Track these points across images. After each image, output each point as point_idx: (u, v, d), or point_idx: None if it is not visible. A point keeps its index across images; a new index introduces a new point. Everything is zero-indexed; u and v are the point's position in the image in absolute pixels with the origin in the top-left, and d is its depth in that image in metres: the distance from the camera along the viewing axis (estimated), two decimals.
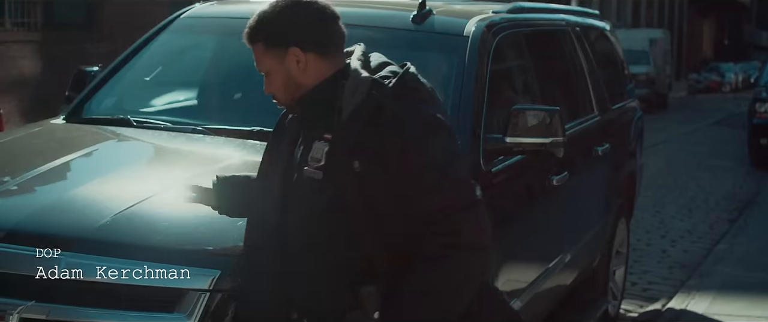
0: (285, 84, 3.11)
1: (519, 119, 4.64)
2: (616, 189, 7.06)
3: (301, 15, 3.08)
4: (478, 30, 5.03)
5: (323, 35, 3.09)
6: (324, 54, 3.08)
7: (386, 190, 2.94)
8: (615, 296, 7.40)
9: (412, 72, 3.10)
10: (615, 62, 7.99)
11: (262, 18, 3.11)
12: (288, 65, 3.08)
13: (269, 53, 3.09)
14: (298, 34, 3.06)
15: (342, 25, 3.15)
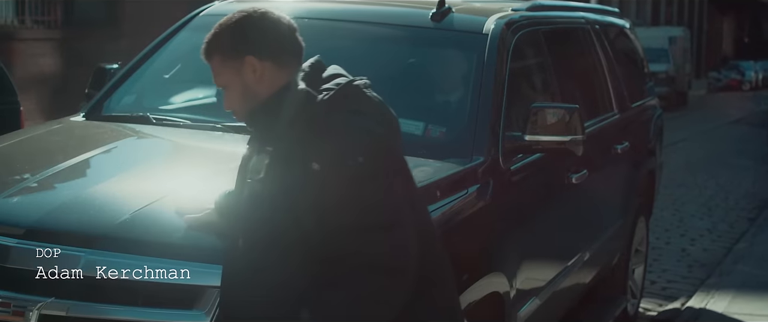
0: (242, 96, 3.10)
1: (538, 117, 4.64)
2: (635, 187, 7.04)
3: (256, 25, 3.09)
4: (498, 28, 5.03)
5: (278, 45, 3.09)
6: (280, 64, 3.08)
7: (313, 205, 2.90)
8: (634, 295, 7.38)
9: (356, 85, 3.05)
10: (634, 60, 7.97)
11: (217, 32, 3.13)
12: (244, 76, 3.07)
13: (226, 66, 3.10)
14: (253, 44, 3.07)
15: (299, 37, 3.15)
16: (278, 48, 3.09)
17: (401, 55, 5.16)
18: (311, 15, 5.35)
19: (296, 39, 3.14)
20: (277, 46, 3.08)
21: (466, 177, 4.36)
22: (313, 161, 2.89)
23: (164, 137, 4.79)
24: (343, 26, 5.25)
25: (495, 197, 4.47)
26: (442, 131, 4.68)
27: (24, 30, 14.98)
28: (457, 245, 4.14)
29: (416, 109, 4.79)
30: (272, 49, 3.07)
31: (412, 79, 5.07)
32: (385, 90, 4.96)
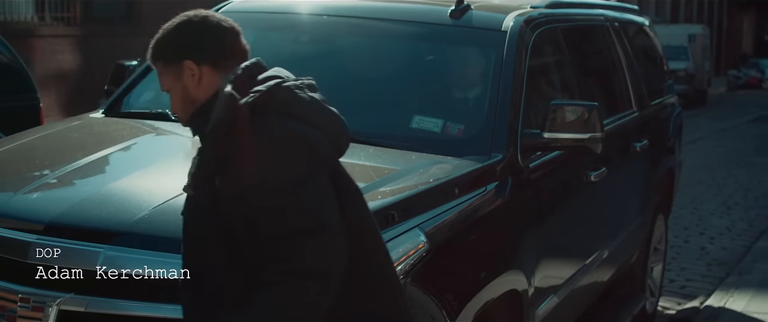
0: (183, 100, 3.07)
1: (557, 115, 4.63)
2: (654, 185, 7.02)
3: (196, 29, 3.06)
4: (516, 25, 5.02)
5: (217, 49, 3.05)
6: (218, 69, 3.04)
7: (237, 211, 2.86)
8: (653, 293, 7.36)
9: (285, 86, 2.96)
10: (654, 58, 7.95)
11: (158, 36, 3.10)
12: (184, 80, 3.04)
13: (167, 70, 3.07)
14: (192, 48, 3.04)
15: (243, 40, 3.11)
16: (217, 52, 3.04)
17: (420, 52, 5.16)
18: (330, 12, 5.36)
19: (238, 43, 3.09)
20: (216, 50, 3.04)
21: (484, 174, 4.35)
22: (236, 166, 2.85)
23: (183, 134, 4.78)
24: (361, 23, 5.25)
25: (513, 195, 4.46)
26: (460, 128, 4.68)
27: (44, 27, 15.04)
28: (475, 243, 4.14)
29: (435, 107, 4.79)
30: (210, 53, 3.03)
31: (430, 77, 5.07)
32: (404, 87, 5.02)
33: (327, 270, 2.82)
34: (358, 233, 2.99)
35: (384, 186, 3.96)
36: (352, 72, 5.09)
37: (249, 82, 2.96)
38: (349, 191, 3.02)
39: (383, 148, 4.48)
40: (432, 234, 3.72)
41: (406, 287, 3.49)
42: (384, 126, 4.73)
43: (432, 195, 3.98)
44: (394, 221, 3.71)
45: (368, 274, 3.03)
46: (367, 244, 3.04)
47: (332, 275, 2.83)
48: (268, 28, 5.53)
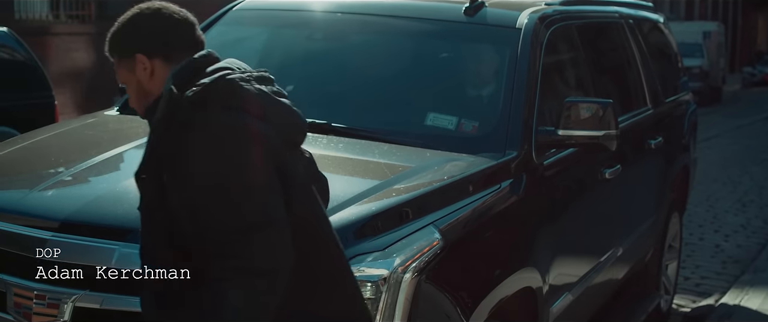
0: (138, 93, 3.06)
1: (571, 112, 4.62)
2: (668, 183, 7.01)
3: (147, 22, 3.03)
4: (531, 22, 5.01)
5: (169, 42, 3.01)
6: (170, 61, 3.00)
7: (181, 205, 2.83)
8: (667, 291, 7.35)
9: (230, 79, 2.88)
10: (668, 55, 7.93)
11: (113, 30, 3.08)
12: (137, 74, 3.02)
13: (122, 64, 3.05)
14: (143, 41, 3.01)
15: (197, 32, 3.07)
16: (168, 45, 3.01)
17: (434, 49, 5.16)
18: (344, 9, 5.36)
19: (192, 35, 3.05)
20: (167, 43, 3.01)
21: (498, 172, 4.35)
22: (177, 161, 2.82)
23: None
24: (375, 20, 5.25)
25: (528, 192, 4.46)
26: (474, 126, 4.68)
27: (58, 25, 15.08)
28: (489, 240, 4.14)
29: (449, 104, 4.78)
30: (162, 46, 3.00)
31: (445, 74, 5.06)
32: (418, 84, 5.02)
33: (274, 267, 2.78)
34: (306, 226, 2.94)
35: (398, 183, 3.96)
36: (367, 69, 5.09)
37: (196, 75, 2.91)
38: (296, 183, 2.94)
39: (398, 145, 4.48)
40: (446, 231, 3.72)
41: (420, 285, 3.49)
42: (398, 123, 4.72)
43: (446, 192, 3.98)
44: (408, 218, 3.71)
45: (317, 267, 2.98)
46: (315, 236, 3.00)
47: (279, 272, 2.79)
48: (282, 26, 5.53)
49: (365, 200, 3.74)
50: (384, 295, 3.40)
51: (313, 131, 4.54)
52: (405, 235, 3.59)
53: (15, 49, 9.14)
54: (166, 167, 2.86)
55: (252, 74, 2.96)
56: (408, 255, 3.49)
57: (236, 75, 2.91)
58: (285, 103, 2.99)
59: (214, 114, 2.82)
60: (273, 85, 3.02)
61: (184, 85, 2.88)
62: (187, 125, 2.82)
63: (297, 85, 5.21)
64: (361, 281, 3.38)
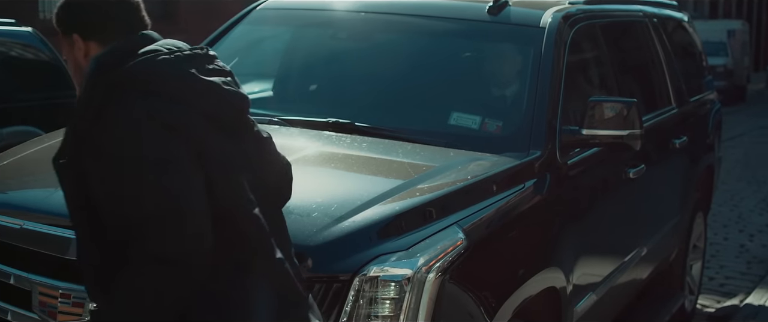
0: (75, 72, 3.03)
1: (595, 111, 4.61)
2: (693, 182, 6.98)
3: (84, 3, 2.97)
4: (555, 21, 5.00)
5: (104, 23, 2.94)
6: (106, 43, 2.92)
7: (98, 190, 2.78)
8: (692, 291, 7.32)
9: (147, 60, 2.80)
10: (693, 54, 7.90)
11: (56, 9, 3.03)
12: (75, 53, 2.99)
13: (64, 42, 3.01)
14: (79, 21, 2.96)
15: (139, 14, 2.99)
16: (103, 26, 2.94)
17: (458, 48, 5.16)
18: (368, 9, 5.36)
19: (131, 17, 2.98)
20: (103, 24, 2.94)
21: (522, 171, 4.34)
22: (88, 147, 2.77)
23: None
24: (399, 20, 5.25)
25: (552, 192, 4.44)
26: (498, 125, 4.67)
27: None
28: (513, 240, 4.13)
29: (473, 103, 4.78)
30: (96, 27, 2.94)
31: (468, 73, 5.06)
32: (442, 84, 5.01)
33: (184, 255, 2.69)
34: (232, 214, 2.83)
35: (422, 183, 3.96)
36: (390, 69, 5.10)
37: (126, 57, 2.83)
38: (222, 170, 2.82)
39: (421, 145, 4.48)
40: (470, 231, 3.71)
41: (444, 285, 3.48)
42: (422, 123, 4.72)
43: (470, 192, 3.98)
44: (432, 218, 3.71)
45: (243, 255, 2.87)
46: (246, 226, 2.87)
47: (190, 261, 2.70)
48: (306, 25, 5.54)
49: (389, 199, 3.74)
50: (408, 295, 3.39)
51: (337, 130, 4.55)
52: (429, 235, 3.59)
53: (40, 49, 9.18)
54: (86, 151, 2.79)
55: (181, 55, 2.86)
56: (432, 255, 3.49)
57: (162, 57, 2.82)
58: (214, 83, 2.86)
59: (128, 100, 2.74)
60: (212, 62, 2.92)
61: (111, 68, 2.80)
62: (102, 109, 2.76)
63: (320, 85, 5.23)
64: (385, 281, 3.39)
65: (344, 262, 3.43)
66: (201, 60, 2.90)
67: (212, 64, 2.92)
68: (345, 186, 4.04)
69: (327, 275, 3.41)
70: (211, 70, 2.89)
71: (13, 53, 9.09)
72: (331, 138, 4.51)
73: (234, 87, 2.92)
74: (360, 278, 3.39)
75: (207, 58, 2.93)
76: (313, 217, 3.54)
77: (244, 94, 2.96)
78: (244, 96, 2.96)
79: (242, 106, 2.96)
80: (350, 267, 3.41)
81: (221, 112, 2.86)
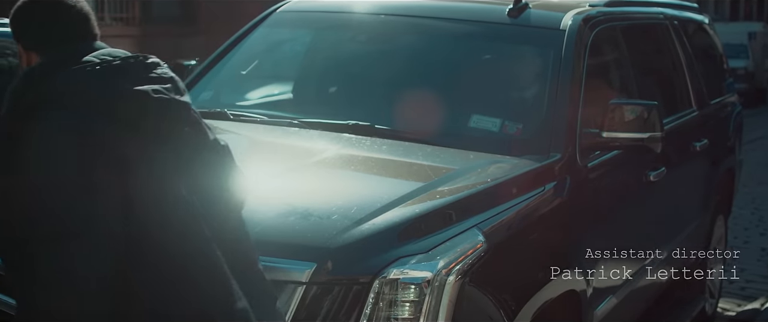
0: None
1: (616, 114, 4.60)
2: (714, 185, 6.95)
3: (24, 13, 2.89)
4: (575, 24, 4.99)
5: (45, 35, 2.85)
6: (43, 53, 2.83)
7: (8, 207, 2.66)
8: (712, 294, 7.29)
9: (67, 73, 2.70)
10: (713, 56, 7.87)
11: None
12: (21, 62, 2.91)
13: (18, 50, 2.93)
14: (20, 32, 2.90)
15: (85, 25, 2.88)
16: (44, 37, 2.84)
17: (478, 51, 5.15)
18: (388, 11, 5.37)
19: (75, 29, 2.86)
20: (43, 35, 2.84)
21: (542, 174, 4.33)
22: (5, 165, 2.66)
23: (241, 133, 4.82)
24: (419, 22, 5.26)
25: (572, 194, 4.44)
26: (518, 128, 4.66)
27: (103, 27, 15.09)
28: (533, 243, 4.13)
29: (493, 106, 4.78)
30: (36, 38, 2.85)
31: (488, 76, 5.06)
32: (462, 86, 5.01)
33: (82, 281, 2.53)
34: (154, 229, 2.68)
35: (442, 186, 3.96)
36: (410, 71, 5.10)
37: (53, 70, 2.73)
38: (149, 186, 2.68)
39: (441, 147, 4.48)
40: (490, 234, 3.71)
41: (464, 288, 3.48)
42: (442, 125, 4.72)
43: (490, 195, 3.97)
44: (452, 220, 3.70)
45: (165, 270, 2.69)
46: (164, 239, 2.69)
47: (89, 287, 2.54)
48: (326, 28, 5.55)
49: (409, 202, 3.74)
50: (427, 297, 3.39)
51: (357, 133, 4.56)
52: (449, 237, 3.59)
53: None
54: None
55: (110, 65, 2.74)
56: (452, 257, 3.49)
57: (89, 68, 2.71)
58: (141, 92, 2.71)
59: (41, 116, 2.64)
60: (150, 70, 2.79)
61: (37, 79, 2.71)
62: (22, 121, 2.66)
63: (340, 87, 5.23)
64: (405, 283, 3.39)
65: (364, 264, 3.44)
66: (135, 69, 2.77)
67: (150, 72, 2.79)
68: (365, 189, 4.04)
69: (347, 278, 3.42)
70: (145, 79, 2.76)
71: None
72: (351, 140, 4.51)
73: (170, 95, 2.78)
74: (380, 280, 3.39)
75: (144, 66, 2.80)
76: (333, 219, 3.55)
77: (179, 102, 2.81)
78: (180, 103, 2.81)
79: (177, 114, 2.81)
80: (370, 269, 3.42)
81: (149, 121, 2.72)
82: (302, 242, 3.49)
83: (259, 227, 3.55)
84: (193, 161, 2.84)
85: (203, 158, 2.89)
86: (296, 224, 3.59)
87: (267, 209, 3.68)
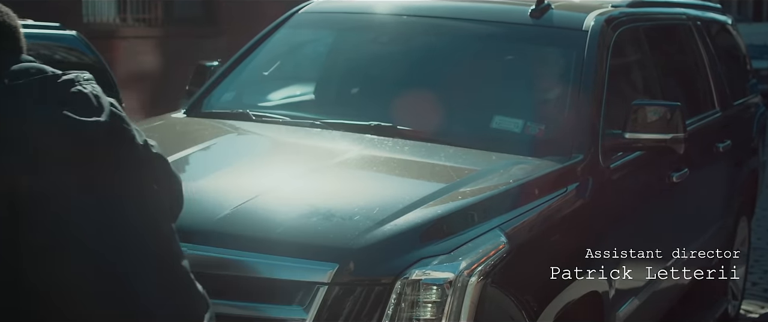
0: None
1: (638, 115, 4.59)
2: (737, 187, 6.92)
3: None
4: (598, 24, 4.98)
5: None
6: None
7: None
8: (735, 296, 7.26)
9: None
10: (737, 57, 7.83)
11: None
12: None
13: None
14: None
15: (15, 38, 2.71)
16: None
17: (500, 51, 5.15)
18: (410, 12, 5.36)
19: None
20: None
21: (565, 175, 4.32)
22: None
23: (263, 134, 4.84)
24: (441, 23, 5.25)
25: (594, 196, 4.42)
26: (541, 129, 4.65)
27: (125, 28, 15.23)
28: (555, 244, 4.12)
29: (515, 107, 4.78)
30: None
31: (511, 77, 5.05)
32: (484, 87, 5.00)
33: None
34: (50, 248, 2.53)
35: (464, 186, 3.96)
36: (432, 72, 5.10)
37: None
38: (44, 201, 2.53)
39: (464, 148, 4.48)
40: (512, 235, 3.71)
41: (486, 289, 3.48)
42: (464, 126, 4.72)
43: (512, 196, 3.97)
44: (474, 221, 3.70)
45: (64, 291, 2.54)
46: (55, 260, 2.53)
47: None
48: (348, 29, 5.55)
49: (431, 202, 3.74)
50: (449, 298, 3.39)
51: (379, 134, 4.56)
52: (471, 238, 3.59)
53: (84, 52, 9.24)
54: None
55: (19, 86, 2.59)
56: (474, 258, 3.49)
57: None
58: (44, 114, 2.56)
59: None
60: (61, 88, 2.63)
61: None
62: None
63: (362, 88, 5.24)
64: (427, 284, 3.39)
65: (386, 265, 3.44)
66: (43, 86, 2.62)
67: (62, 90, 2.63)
68: (387, 189, 4.04)
69: (369, 278, 3.42)
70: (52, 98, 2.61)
71: (57, 57, 9.16)
72: (373, 141, 4.51)
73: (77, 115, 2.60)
74: (402, 281, 3.39)
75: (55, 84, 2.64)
76: (355, 220, 3.55)
77: (84, 122, 2.62)
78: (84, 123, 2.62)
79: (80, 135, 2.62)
80: (392, 270, 3.42)
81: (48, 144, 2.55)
82: (324, 243, 3.50)
83: (281, 227, 3.56)
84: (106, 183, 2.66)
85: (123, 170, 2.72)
86: (318, 224, 3.59)
87: (289, 209, 3.69)
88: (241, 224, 3.59)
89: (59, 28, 9.31)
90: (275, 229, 3.56)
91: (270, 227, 3.57)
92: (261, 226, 3.59)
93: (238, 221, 3.60)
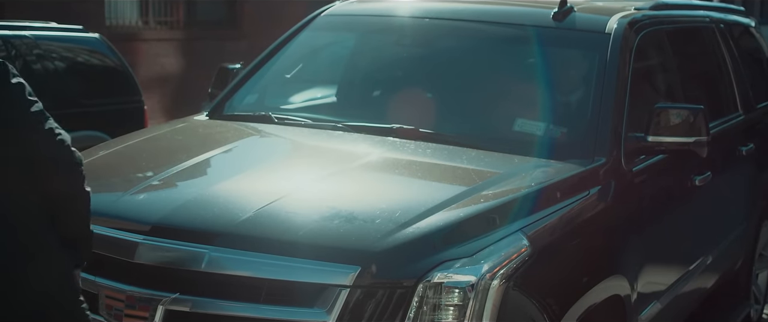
0: None
1: (661, 118, 4.58)
2: (760, 190, 6.89)
3: None
4: (620, 27, 4.97)
5: None
6: None
7: None
8: (757, 300, 7.22)
9: None
10: (760, 60, 7.79)
11: None
12: None
13: None
14: None
15: None
16: None
17: (523, 54, 5.14)
18: (432, 15, 5.36)
19: None
20: None
21: (587, 178, 4.31)
22: None
23: (286, 136, 4.84)
24: (463, 26, 5.24)
25: (617, 199, 4.41)
26: (563, 132, 4.65)
27: (147, 31, 15.28)
28: (577, 247, 4.11)
29: (537, 109, 4.76)
30: None
31: (533, 79, 5.04)
32: (507, 90, 5.00)
33: None
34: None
35: (486, 189, 3.95)
36: (454, 75, 5.09)
37: None
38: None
39: (486, 151, 4.47)
40: (534, 238, 3.70)
41: (508, 292, 3.47)
42: (486, 129, 4.72)
43: (534, 199, 3.96)
44: (496, 224, 3.70)
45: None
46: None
47: None
48: (371, 31, 5.55)
49: (453, 205, 3.74)
50: (471, 302, 3.39)
51: (401, 136, 4.56)
52: (493, 241, 3.59)
53: (106, 54, 9.29)
54: None
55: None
56: (496, 262, 3.48)
57: None
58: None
59: None
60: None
61: None
62: None
63: (384, 91, 5.24)
64: (449, 287, 3.39)
65: (408, 268, 3.44)
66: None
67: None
68: (409, 192, 4.04)
69: (391, 281, 3.42)
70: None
71: (80, 59, 9.21)
72: (395, 144, 4.51)
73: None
74: (424, 284, 3.39)
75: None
76: (377, 223, 3.55)
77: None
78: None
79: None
80: (414, 273, 3.42)
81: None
82: (346, 246, 3.50)
83: (303, 230, 3.57)
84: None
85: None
86: (340, 227, 3.59)
87: (311, 212, 3.69)
88: (263, 227, 3.60)
89: (82, 30, 9.36)
90: (297, 231, 3.56)
91: (292, 230, 3.58)
92: (283, 228, 3.59)
93: (260, 224, 3.61)
